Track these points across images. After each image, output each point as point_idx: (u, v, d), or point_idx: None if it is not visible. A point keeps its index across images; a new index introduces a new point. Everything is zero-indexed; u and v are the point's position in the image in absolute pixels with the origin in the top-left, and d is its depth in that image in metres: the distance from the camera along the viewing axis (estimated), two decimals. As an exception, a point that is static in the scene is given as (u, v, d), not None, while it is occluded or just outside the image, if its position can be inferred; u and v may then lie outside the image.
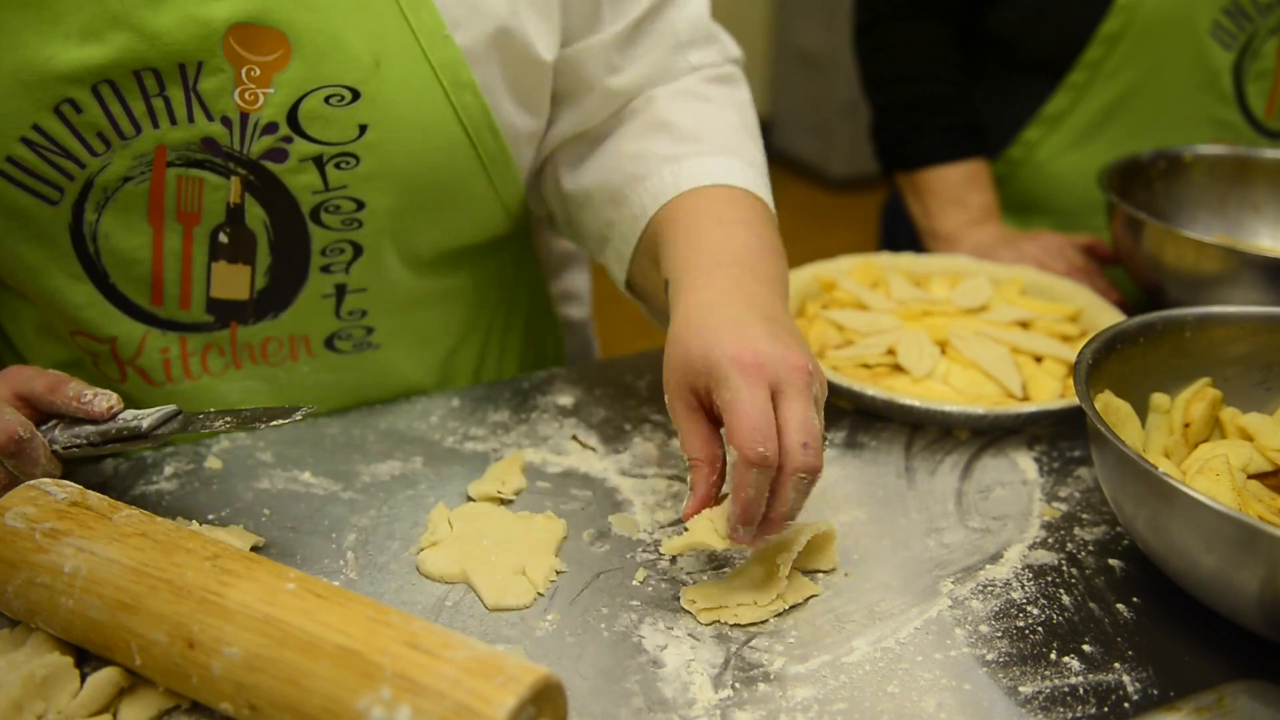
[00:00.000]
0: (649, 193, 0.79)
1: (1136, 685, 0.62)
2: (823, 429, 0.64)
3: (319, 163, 0.74)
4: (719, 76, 0.89)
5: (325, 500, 0.74)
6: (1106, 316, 0.95)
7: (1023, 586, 0.69)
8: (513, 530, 0.71)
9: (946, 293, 1.02)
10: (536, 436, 0.83)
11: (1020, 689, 0.61)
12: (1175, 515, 0.62)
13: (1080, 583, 0.70)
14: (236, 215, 0.76)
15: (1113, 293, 1.08)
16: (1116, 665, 0.63)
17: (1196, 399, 0.76)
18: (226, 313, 0.80)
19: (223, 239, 0.77)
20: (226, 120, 0.72)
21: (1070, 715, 0.59)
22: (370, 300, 0.84)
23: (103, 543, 0.58)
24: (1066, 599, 0.68)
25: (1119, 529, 0.75)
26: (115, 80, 0.69)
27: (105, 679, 0.57)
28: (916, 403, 0.83)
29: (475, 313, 0.94)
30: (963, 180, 1.21)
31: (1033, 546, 0.73)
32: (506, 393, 0.88)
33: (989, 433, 0.85)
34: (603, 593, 0.67)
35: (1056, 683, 0.62)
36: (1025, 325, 0.97)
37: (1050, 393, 0.87)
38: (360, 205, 0.77)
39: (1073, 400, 0.83)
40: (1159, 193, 1.13)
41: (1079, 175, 1.23)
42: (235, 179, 0.74)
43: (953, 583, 0.69)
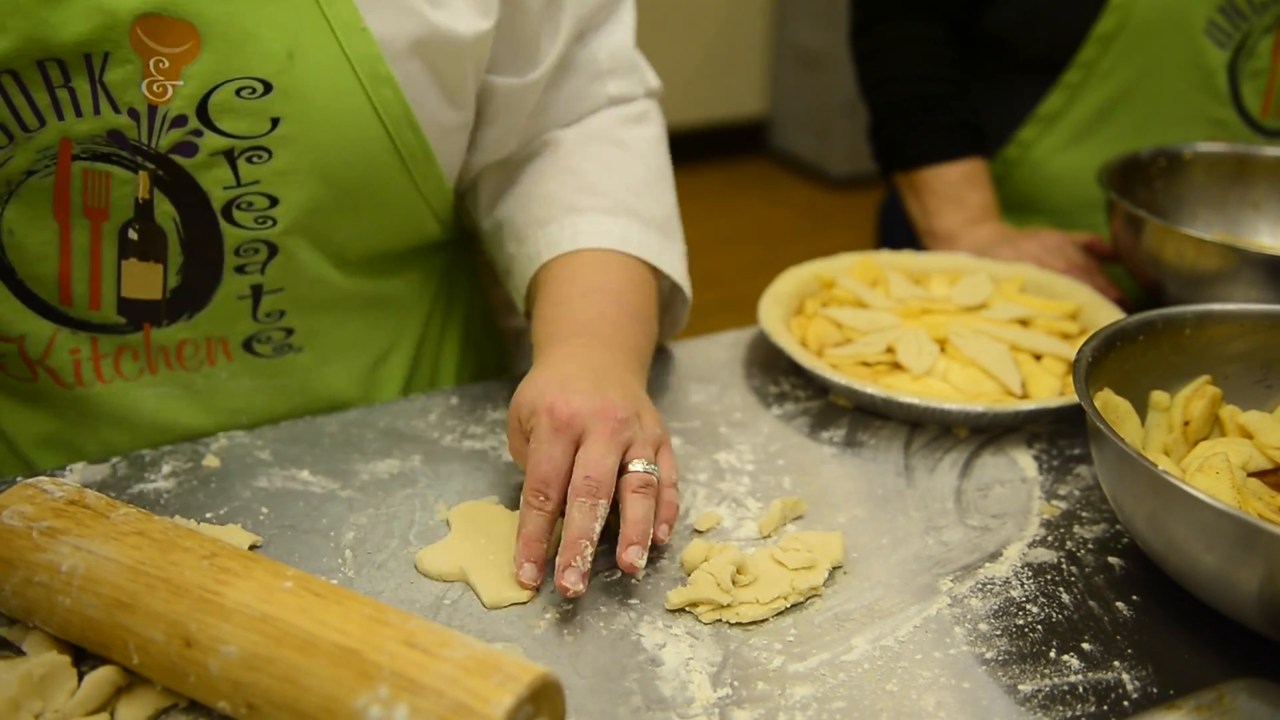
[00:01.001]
0: (546, 240, 0.84)
1: (1136, 683, 0.61)
2: (673, 470, 0.71)
3: (230, 157, 0.73)
4: (634, 116, 0.92)
5: (323, 499, 0.74)
6: (1106, 314, 0.95)
7: (1022, 585, 0.69)
8: (511, 529, 0.71)
9: (946, 291, 1.01)
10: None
11: (1019, 687, 0.61)
12: (1175, 513, 0.62)
13: (1080, 581, 0.69)
14: (146, 211, 0.74)
15: (1113, 290, 1.08)
16: (1116, 663, 0.63)
17: (1196, 397, 0.76)
18: (139, 313, 0.78)
19: (132, 235, 0.75)
20: (134, 112, 0.70)
21: (1070, 713, 0.59)
22: (288, 301, 0.82)
23: (100, 541, 0.58)
24: (1066, 597, 0.68)
25: (1118, 527, 0.75)
26: (18, 70, 0.67)
27: (103, 678, 0.56)
28: (916, 401, 0.83)
29: (404, 320, 0.93)
30: (961, 179, 1.21)
31: (1032, 545, 0.73)
32: (506, 391, 0.88)
33: (988, 431, 0.85)
34: (601, 591, 0.67)
35: (1056, 681, 0.61)
36: (1025, 323, 0.97)
37: (1050, 390, 0.87)
38: (274, 202, 0.76)
39: (1072, 398, 0.83)
40: (1159, 190, 1.13)
41: (1075, 174, 1.23)
42: (144, 173, 0.72)
43: (952, 581, 0.69)
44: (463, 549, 0.69)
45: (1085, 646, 0.64)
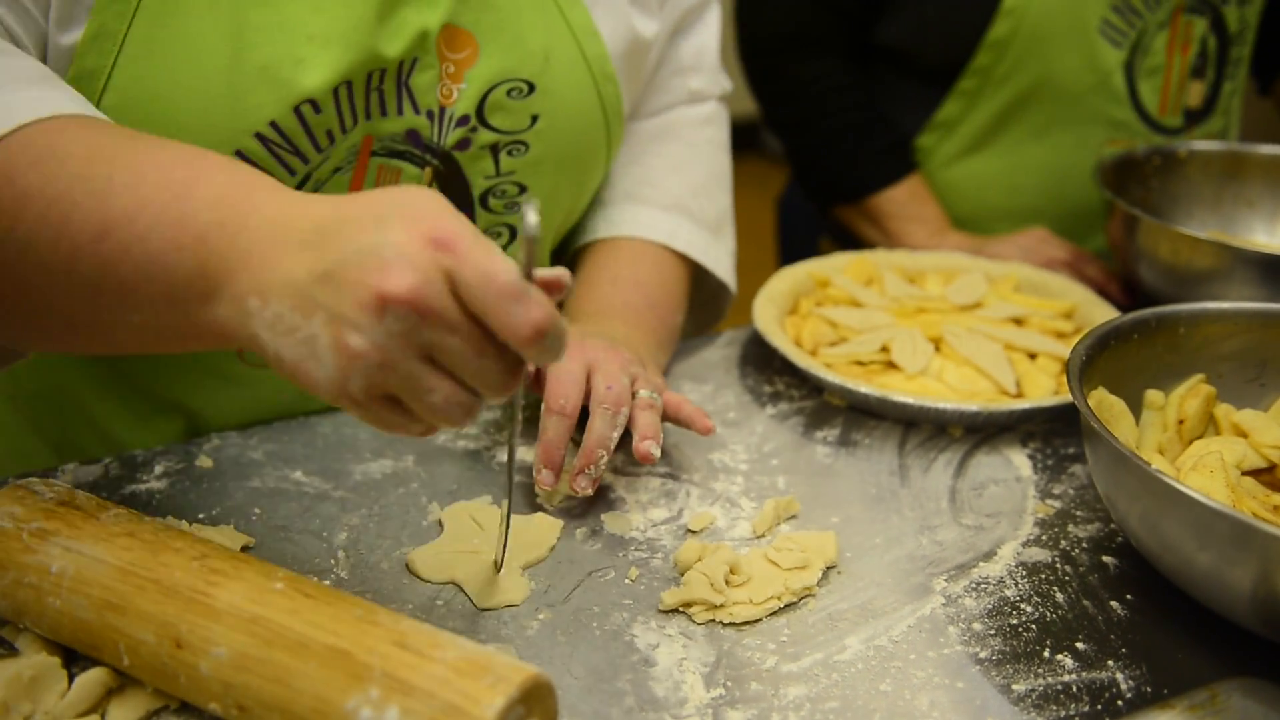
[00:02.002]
0: (603, 219, 0.94)
1: (1130, 683, 0.61)
2: (658, 427, 0.75)
3: (494, 150, 0.81)
4: (704, 118, 1.00)
5: (316, 499, 0.74)
6: (1101, 313, 0.95)
7: (1016, 584, 0.69)
8: (504, 529, 0.71)
9: (941, 289, 1.01)
10: (529, 434, 0.83)
11: (1013, 687, 0.61)
12: (1169, 512, 0.61)
13: (1074, 580, 0.69)
14: None
15: (1112, 284, 1.08)
16: (1110, 663, 0.63)
17: (1190, 395, 0.76)
18: None
19: None
20: (430, 113, 0.77)
21: (1063, 713, 0.59)
22: None
23: (90, 542, 0.57)
24: (1060, 596, 0.68)
25: (1113, 526, 0.75)
26: (354, 80, 0.72)
27: (93, 679, 0.56)
28: (910, 400, 0.83)
29: None
30: (909, 197, 1.21)
31: (1026, 544, 0.73)
32: (499, 391, 0.88)
33: (983, 430, 0.85)
34: (594, 591, 0.67)
35: (1050, 680, 0.61)
36: (1019, 322, 0.97)
37: (1044, 389, 0.87)
38: (521, 190, 0.83)
39: (1066, 397, 0.83)
40: (1154, 189, 1.13)
41: (975, 182, 1.22)
42: (429, 168, 0.79)
43: (946, 580, 0.69)
44: (455, 550, 0.69)
45: (1079, 646, 0.64)
